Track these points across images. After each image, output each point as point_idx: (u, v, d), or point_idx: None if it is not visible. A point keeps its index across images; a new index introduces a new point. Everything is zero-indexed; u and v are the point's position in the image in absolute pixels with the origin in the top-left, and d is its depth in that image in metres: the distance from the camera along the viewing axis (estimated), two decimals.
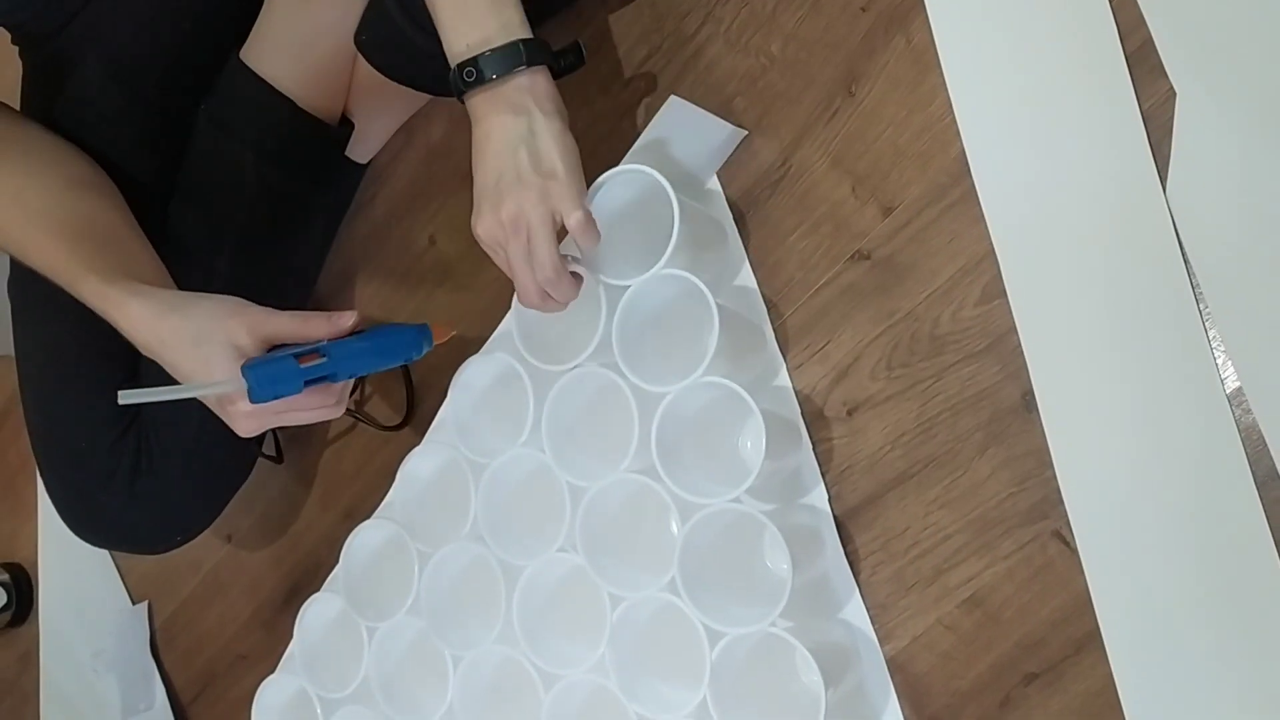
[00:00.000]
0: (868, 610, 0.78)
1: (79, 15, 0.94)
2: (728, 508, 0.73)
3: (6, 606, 1.39)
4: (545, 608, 0.84)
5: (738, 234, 0.84)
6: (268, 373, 0.77)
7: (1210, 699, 0.65)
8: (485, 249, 0.78)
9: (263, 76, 0.92)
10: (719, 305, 0.73)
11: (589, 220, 0.75)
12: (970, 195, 0.74)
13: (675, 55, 0.88)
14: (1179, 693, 0.66)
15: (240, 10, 0.94)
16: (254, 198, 0.96)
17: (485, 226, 0.76)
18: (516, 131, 0.75)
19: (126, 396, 0.75)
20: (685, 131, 0.82)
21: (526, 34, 0.76)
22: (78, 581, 1.35)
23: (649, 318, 0.79)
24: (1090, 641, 0.69)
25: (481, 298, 0.98)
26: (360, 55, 0.91)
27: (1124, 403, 0.68)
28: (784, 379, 0.82)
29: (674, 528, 0.78)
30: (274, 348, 0.80)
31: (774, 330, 0.82)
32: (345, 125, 0.98)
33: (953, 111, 0.75)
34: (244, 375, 0.76)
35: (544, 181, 0.74)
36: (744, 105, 0.84)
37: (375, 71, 0.91)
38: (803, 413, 0.81)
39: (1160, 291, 0.68)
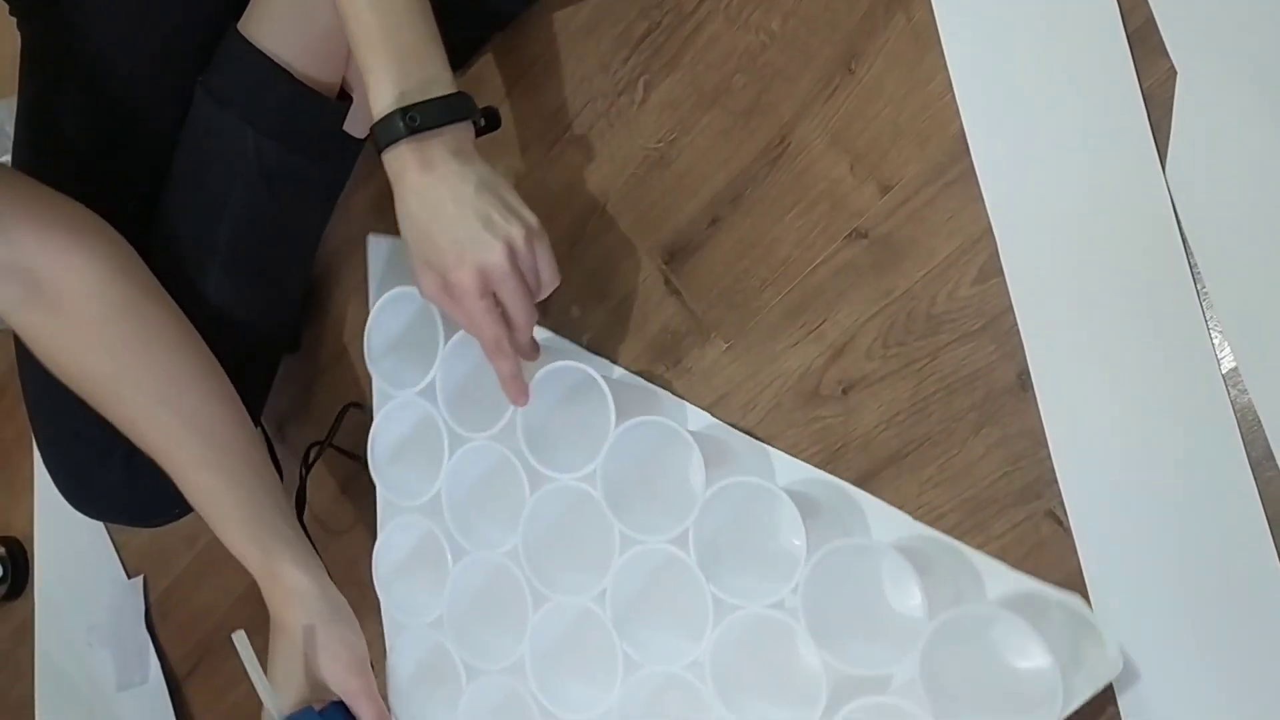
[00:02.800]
0: None
1: None
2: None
3: (2, 580, 1.39)
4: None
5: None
6: None
7: (1202, 679, 0.65)
8: (467, 298, 0.76)
9: (261, 48, 0.92)
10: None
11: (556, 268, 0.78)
12: (969, 174, 0.74)
13: (675, 31, 0.87)
14: (1171, 673, 0.66)
15: None
16: (252, 171, 0.95)
17: (474, 272, 0.74)
18: (473, 179, 0.75)
19: (240, 642, 0.81)
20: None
21: (452, 87, 0.76)
22: (73, 556, 1.35)
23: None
24: None
25: None
26: None
27: (1119, 383, 0.68)
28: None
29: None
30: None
31: (769, 309, 0.82)
32: (344, 99, 0.98)
33: (952, 90, 0.74)
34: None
35: (521, 230, 0.75)
36: (743, 82, 0.84)
37: None
38: (798, 392, 0.81)
39: (1157, 271, 0.67)
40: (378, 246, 0.99)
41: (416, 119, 0.73)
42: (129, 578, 1.29)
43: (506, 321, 0.77)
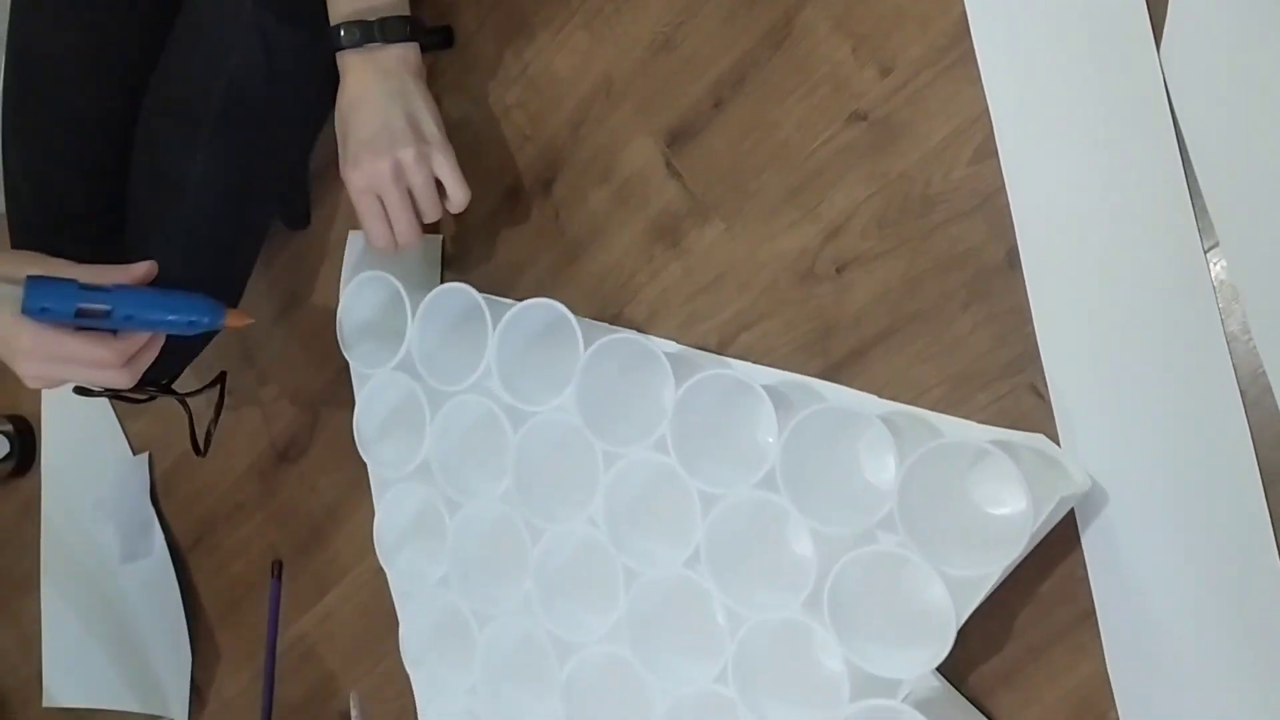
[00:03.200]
0: None
1: None
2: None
3: (9, 456, 1.41)
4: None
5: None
6: (44, 287, 0.80)
7: (1172, 542, 0.68)
8: (355, 192, 0.89)
9: None
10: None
11: (463, 184, 0.90)
12: (969, 56, 0.75)
13: None
14: (1143, 551, 0.69)
15: None
16: (250, 40, 0.95)
17: (364, 173, 0.87)
18: (391, 92, 0.87)
19: None
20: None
21: (406, 11, 0.88)
22: (79, 433, 1.38)
23: None
24: None
25: (484, 158, 1.00)
26: None
27: (1104, 260, 0.70)
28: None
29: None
30: None
31: (768, 190, 0.84)
32: None
33: None
34: (24, 285, 0.79)
35: (422, 144, 0.88)
36: None
37: None
38: (793, 272, 0.83)
39: (1146, 152, 0.69)
40: (354, 241, 1.02)
41: (355, 35, 0.87)
42: (134, 454, 1.31)
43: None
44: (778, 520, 0.78)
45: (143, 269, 0.86)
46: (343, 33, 0.87)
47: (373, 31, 0.87)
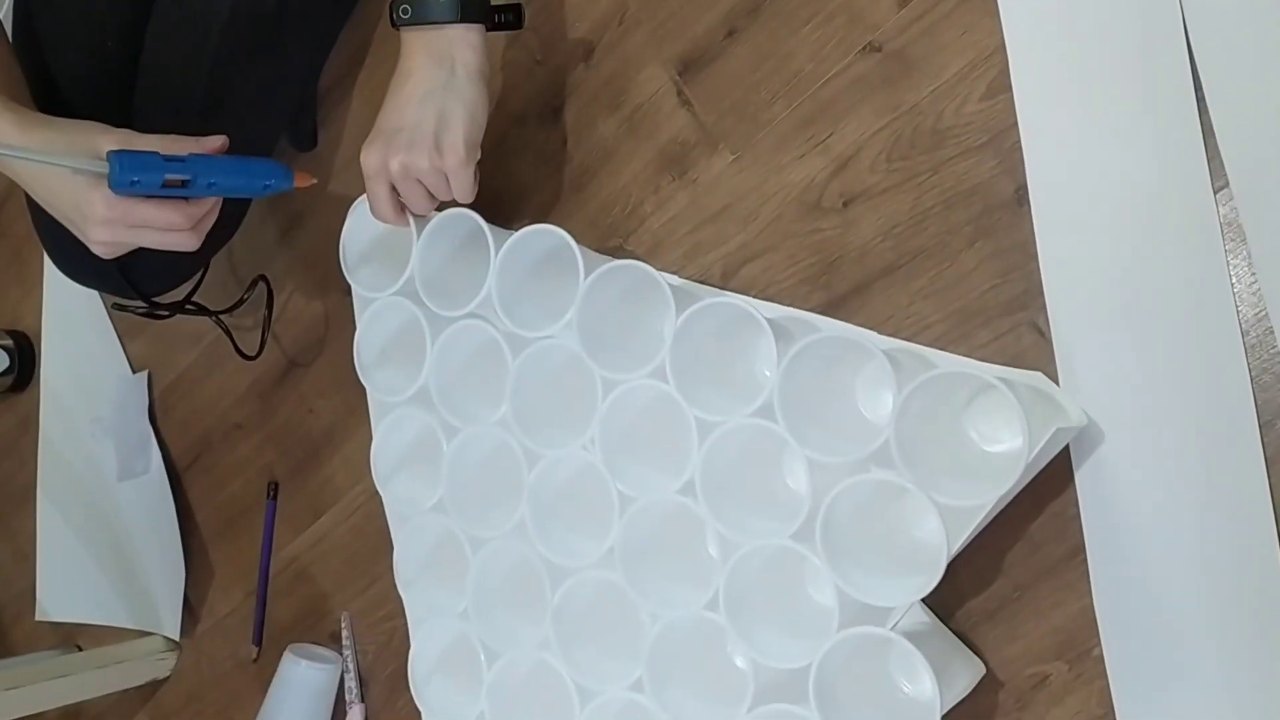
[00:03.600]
0: None
1: None
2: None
3: (8, 371, 1.41)
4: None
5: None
6: (131, 159, 0.80)
7: (1168, 481, 0.68)
8: (365, 172, 0.86)
9: None
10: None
11: (470, 193, 0.87)
12: None
13: None
14: (1137, 492, 0.69)
15: None
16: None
17: (375, 163, 0.84)
18: (433, 84, 0.83)
19: None
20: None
21: None
22: (79, 350, 1.38)
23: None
24: None
25: (493, 82, 0.99)
26: None
27: (1113, 199, 0.70)
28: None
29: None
30: None
31: (778, 121, 0.83)
32: None
33: None
34: (108, 159, 0.79)
35: (436, 158, 0.83)
36: None
37: None
38: (800, 204, 0.83)
39: (1163, 92, 0.69)
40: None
41: (408, 11, 0.82)
42: (133, 372, 1.31)
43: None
44: (774, 450, 0.78)
45: (217, 141, 0.86)
46: (397, 9, 0.82)
47: (425, 9, 0.82)
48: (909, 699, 0.73)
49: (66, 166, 0.81)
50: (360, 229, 0.95)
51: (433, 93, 0.83)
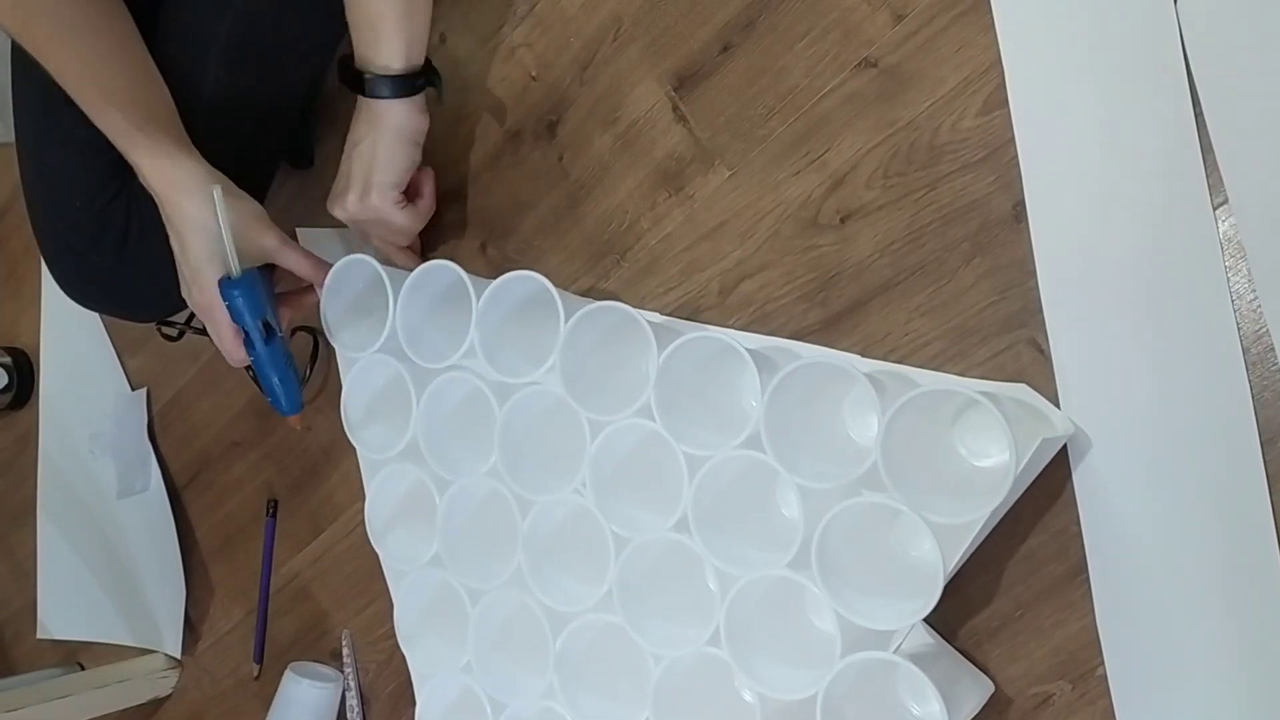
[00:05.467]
0: None
1: None
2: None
3: (8, 388, 1.41)
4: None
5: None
6: (258, 293, 0.89)
7: (1172, 517, 0.68)
8: (350, 223, 0.96)
9: None
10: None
11: (403, 215, 0.95)
12: (982, 3, 0.74)
13: None
14: (1139, 509, 0.69)
15: None
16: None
17: (350, 212, 0.93)
18: (364, 141, 0.92)
19: (219, 197, 0.86)
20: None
21: (397, 67, 0.88)
22: (78, 367, 1.38)
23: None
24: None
25: (488, 97, 0.98)
26: None
27: (1112, 215, 0.70)
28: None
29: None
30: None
31: (774, 137, 0.83)
32: None
33: None
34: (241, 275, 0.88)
35: (362, 192, 0.92)
36: None
37: None
38: (796, 220, 0.82)
39: (1162, 108, 0.68)
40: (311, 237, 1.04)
41: (384, 89, 0.88)
42: (132, 389, 1.31)
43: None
44: (764, 479, 0.77)
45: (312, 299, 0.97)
46: (354, 79, 0.90)
47: (362, 86, 0.89)
48: None
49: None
50: (339, 291, 0.94)
51: (358, 146, 0.92)
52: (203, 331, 1.08)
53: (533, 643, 0.85)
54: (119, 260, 1.00)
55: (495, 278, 0.96)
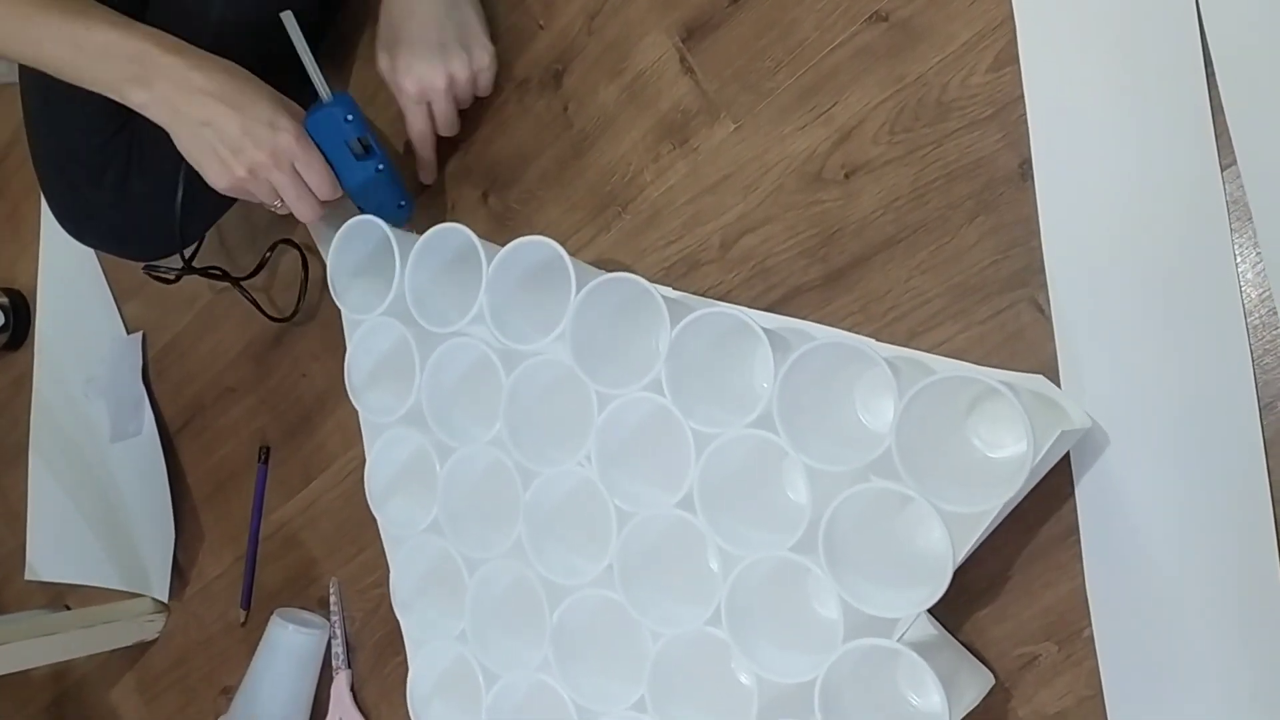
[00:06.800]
0: None
1: None
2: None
3: (3, 329, 1.41)
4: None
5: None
6: (350, 107, 0.90)
7: (1168, 465, 0.68)
8: (406, 99, 0.93)
9: None
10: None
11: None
12: None
13: None
14: (1133, 470, 0.69)
15: None
16: None
17: (417, 83, 0.90)
18: (447, 3, 0.89)
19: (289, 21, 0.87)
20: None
21: None
22: (75, 310, 1.37)
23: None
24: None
25: (496, 46, 0.97)
26: None
27: (1118, 175, 0.69)
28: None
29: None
30: None
31: (781, 90, 0.82)
32: None
33: None
34: (333, 97, 0.89)
35: (465, 67, 0.91)
36: None
37: None
38: (801, 175, 0.81)
39: (1173, 68, 0.67)
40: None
41: None
42: (128, 333, 1.31)
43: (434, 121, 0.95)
44: (773, 460, 0.76)
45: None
46: None
47: None
48: (917, 712, 0.71)
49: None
50: (347, 252, 0.93)
51: (447, 10, 0.89)
52: (203, 272, 1.08)
53: (530, 615, 0.84)
54: (119, 197, 0.99)
55: (497, 227, 0.96)
